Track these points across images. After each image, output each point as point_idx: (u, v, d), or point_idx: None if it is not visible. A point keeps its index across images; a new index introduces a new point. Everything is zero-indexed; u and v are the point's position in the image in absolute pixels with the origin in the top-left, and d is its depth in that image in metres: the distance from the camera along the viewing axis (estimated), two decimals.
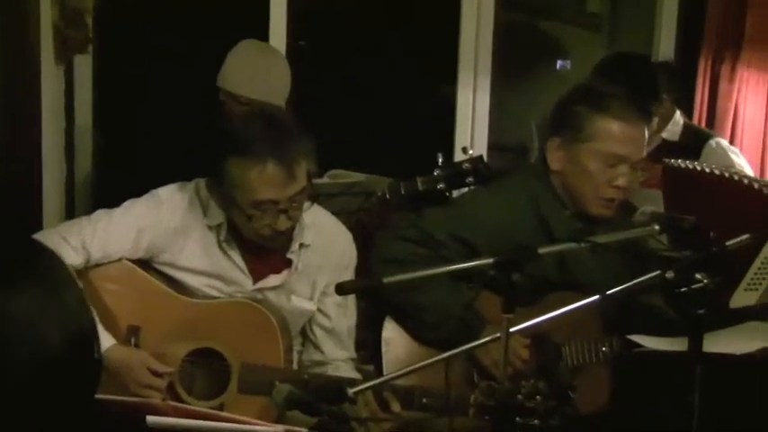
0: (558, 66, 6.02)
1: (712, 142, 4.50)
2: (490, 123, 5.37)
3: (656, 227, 2.82)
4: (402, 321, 3.30)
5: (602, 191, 3.22)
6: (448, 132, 5.34)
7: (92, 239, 3.05)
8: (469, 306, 3.16)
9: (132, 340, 3.07)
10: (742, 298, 3.37)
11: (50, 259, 1.74)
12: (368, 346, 3.49)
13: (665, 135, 4.51)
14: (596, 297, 2.58)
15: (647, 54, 5.11)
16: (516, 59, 5.78)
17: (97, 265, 3.11)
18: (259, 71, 4.16)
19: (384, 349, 3.29)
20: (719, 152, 4.46)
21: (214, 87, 4.20)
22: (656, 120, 4.38)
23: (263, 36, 4.88)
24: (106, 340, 2.96)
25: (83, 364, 1.72)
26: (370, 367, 3.36)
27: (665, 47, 5.41)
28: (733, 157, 4.46)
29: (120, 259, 3.13)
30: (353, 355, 3.28)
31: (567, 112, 3.29)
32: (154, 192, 3.20)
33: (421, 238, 3.26)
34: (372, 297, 3.35)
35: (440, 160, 3.55)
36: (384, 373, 3.26)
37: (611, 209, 3.25)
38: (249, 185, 2.93)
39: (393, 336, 3.30)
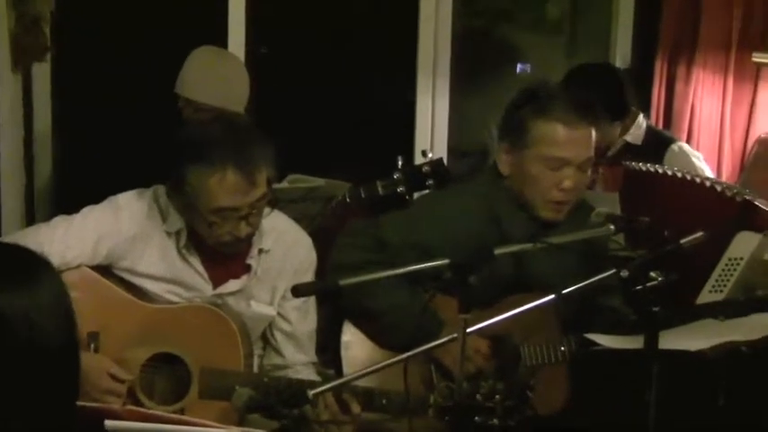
0: (518, 69, 6.04)
1: (675, 146, 4.55)
2: (450, 127, 5.40)
3: (612, 227, 2.85)
4: (360, 326, 3.31)
5: (548, 194, 3.21)
6: (408, 137, 5.36)
7: (50, 246, 3.04)
8: (426, 308, 3.15)
9: (92, 346, 3.06)
10: (707, 300, 3.41)
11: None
12: (329, 350, 3.50)
13: (628, 138, 4.55)
14: (552, 296, 2.60)
15: (611, 64, 5.15)
16: (475, 64, 5.81)
17: None
18: (217, 77, 4.17)
19: (343, 353, 3.29)
20: (682, 156, 4.50)
21: (173, 94, 4.20)
22: (617, 124, 4.43)
23: (222, 42, 4.89)
24: None
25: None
26: (332, 371, 3.36)
27: (623, 50, 5.46)
28: (695, 161, 4.50)
29: (79, 266, 3.12)
30: (314, 358, 3.29)
31: (512, 116, 3.30)
32: (112, 198, 3.19)
33: (375, 246, 3.25)
34: (333, 301, 3.36)
35: (399, 163, 3.57)
36: (344, 374, 3.26)
37: (561, 212, 3.24)
38: (209, 193, 2.93)
39: (352, 339, 3.31)
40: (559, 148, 3.17)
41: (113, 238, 3.12)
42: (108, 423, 2.20)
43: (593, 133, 3.24)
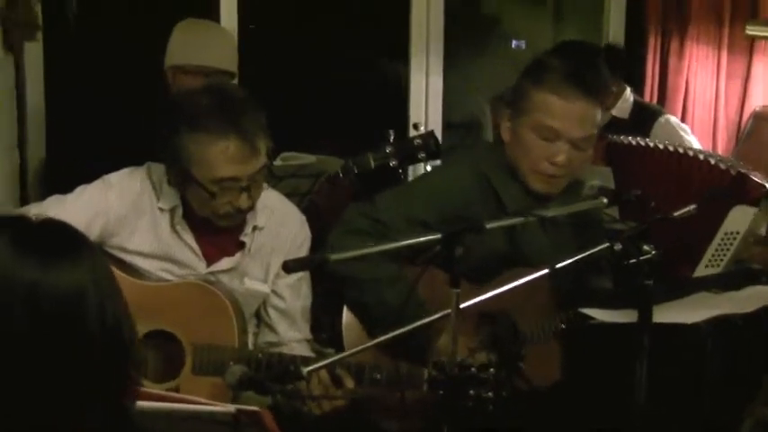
0: (513, 45, 6.04)
1: (662, 119, 4.55)
2: (443, 102, 5.40)
3: (604, 200, 2.84)
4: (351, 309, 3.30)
5: (539, 165, 3.20)
6: (401, 113, 5.35)
7: None
8: (411, 293, 3.03)
9: None
10: (703, 275, 3.42)
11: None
12: (325, 329, 3.50)
13: (614, 112, 4.56)
14: (546, 270, 2.60)
15: (592, 42, 5.13)
16: (468, 39, 5.80)
17: None
18: (202, 39, 4.16)
19: (345, 334, 3.30)
20: (669, 129, 4.51)
21: (164, 73, 4.20)
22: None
23: (215, 20, 4.87)
24: None
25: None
26: (331, 350, 3.36)
27: (615, 25, 5.45)
28: (682, 134, 4.51)
29: None
30: (308, 335, 3.29)
31: (517, 85, 3.30)
32: (105, 177, 3.18)
33: (373, 227, 3.23)
34: (329, 280, 3.36)
35: (391, 137, 3.56)
36: (344, 342, 3.27)
37: (552, 185, 3.23)
38: (211, 162, 2.91)
39: (351, 317, 3.31)
40: (552, 119, 3.16)
41: (106, 216, 3.11)
42: None
43: (596, 113, 3.20)
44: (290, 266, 2.66)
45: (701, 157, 3.64)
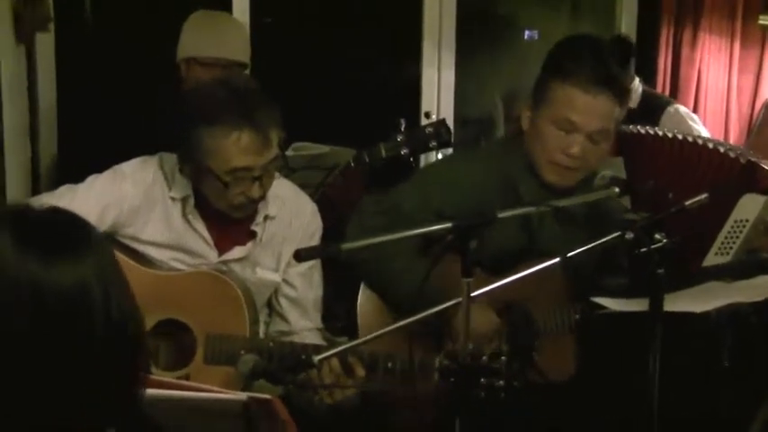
0: (525, 36, 6.02)
1: (671, 109, 4.55)
2: (456, 95, 5.39)
3: (616, 189, 2.84)
4: (373, 288, 3.33)
5: (553, 155, 3.20)
6: (414, 107, 5.35)
7: None
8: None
9: None
10: (712, 263, 3.40)
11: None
12: (338, 318, 3.50)
13: None
14: (557, 259, 2.60)
15: (601, 35, 5.12)
16: (480, 33, 5.79)
17: None
18: (213, 30, 4.16)
19: (359, 317, 3.32)
20: (678, 118, 4.50)
21: (176, 65, 4.20)
22: None
23: (227, 12, 4.87)
24: None
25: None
26: (344, 339, 3.37)
27: (628, 16, 5.44)
28: (691, 123, 4.50)
29: None
30: (319, 324, 3.29)
31: (539, 77, 3.30)
32: (117, 167, 3.19)
33: (388, 215, 3.25)
34: (341, 270, 3.36)
35: (402, 126, 3.56)
36: (359, 329, 3.29)
37: (565, 177, 3.23)
38: (225, 153, 2.93)
39: (366, 305, 3.32)
40: (570, 111, 3.15)
41: (118, 206, 3.12)
42: None
43: (614, 108, 3.19)
44: (301, 255, 2.66)
45: (711, 145, 3.63)
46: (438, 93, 5.33)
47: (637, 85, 4.61)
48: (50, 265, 1.59)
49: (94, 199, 3.11)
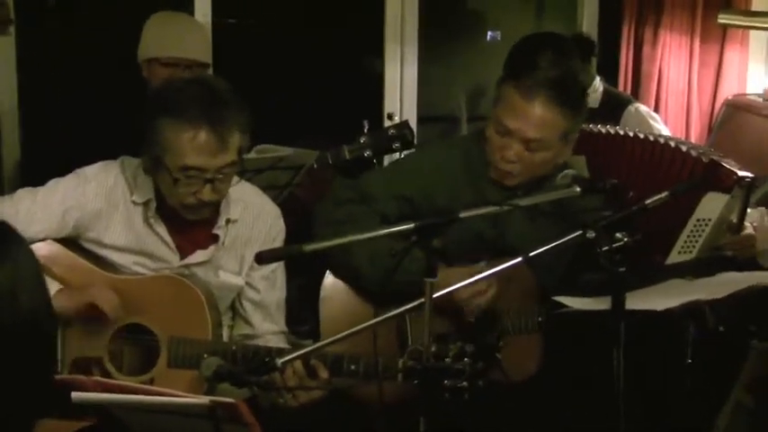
0: (488, 37, 6.04)
1: (631, 107, 4.57)
2: (419, 95, 5.40)
3: (578, 188, 2.85)
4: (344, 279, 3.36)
5: (492, 157, 3.24)
6: (376, 106, 5.35)
7: (15, 220, 3.01)
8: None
9: (59, 318, 3.06)
10: (676, 261, 3.42)
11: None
12: (306, 321, 3.50)
13: None
14: (519, 258, 2.60)
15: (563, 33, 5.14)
16: (443, 31, 5.80)
17: None
18: (176, 31, 4.16)
19: (321, 309, 3.34)
20: (639, 117, 4.53)
21: (138, 66, 4.19)
22: None
23: (189, 12, 4.86)
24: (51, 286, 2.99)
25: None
26: (309, 342, 3.37)
27: (590, 14, 5.47)
28: (652, 122, 4.52)
29: (44, 239, 3.11)
30: (284, 328, 3.29)
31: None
32: (79, 170, 3.18)
33: (358, 197, 3.30)
34: (306, 272, 3.36)
35: (366, 128, 3.56)
36: (321, 331, 3.31)
37: (505, 179, 3.26)
38: (179, 149, 2.91)
39: (329, 295, 3.35)
40: (507, 115, 3.19)
41: (80, 209, 3.10)
42: (75, 395, 2.20)
43: (556, 118, 3.18)
44: (263, 257, 2.66)
45: (673, 144, 3.65)
46: (401, 93, 5.34)
47: (598, 84, 4.64)
48: None
49: (56, 203, 3.10)
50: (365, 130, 3.63)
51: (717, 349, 3.40)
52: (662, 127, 4.56)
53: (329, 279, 3.38)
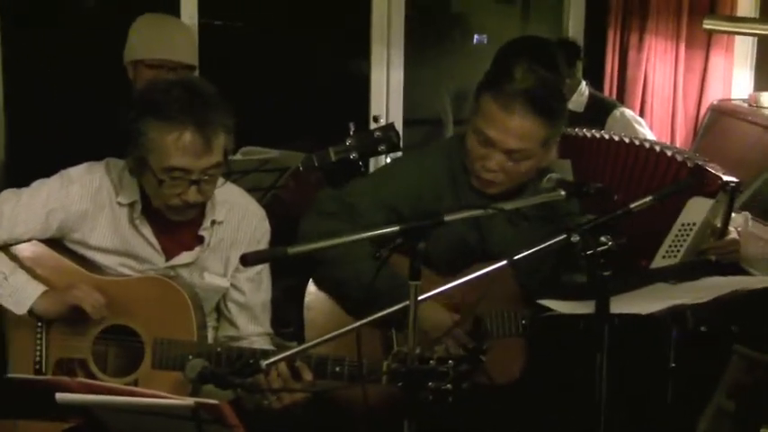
0: (475, 40, 6.04)
1: (617, 112, 4.57)
2: (405, 98, 5.40)
3: (562, 192, 2.86)
4: (327, 291, 3.35)
5: (473, 166, 3.23)
6: (362, 108, 5.35)
7: None
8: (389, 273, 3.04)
9: (44, 319, 3.06)
10: (660, 266, 3.43)
11: None
12: (292, 324, 3.50)
13: (570, 106, 4.55)
14: (504, 262, 2.61)
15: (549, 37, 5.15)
16: (430, 34, 5.81)
17: (6, 246, 3.10)
18: (162, 33, 4.16)
19: (305, 314, 3.34)
20: (624, 122, 4.53)
21: (124, 68, 4.19)
22: None
23: (175, 14, 4.86)
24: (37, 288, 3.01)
25: None
26: (294, 344, 3.37)
27: (575, 19, 5.48)
28: (637, 126, 4.53)
29: (30, 240, 3.10)
30: (269, 329, 3.29)
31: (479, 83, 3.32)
32: (64, 172, 3.18)
33: (342, 210, 3.28)
34: (291, 274, 3.36)
35: (351, 130, 3.57)
36: (305, 336, 3.30)
37: (487, 187, 3.25)
38: (164, 149, 2.91)
39: (313, 300, 3.35)
40: (488, 126, 3.17)
41: (64, 211, 3.10)
42: (59, 396, 2.20)
43: (537, 129, 3.16)
44: (248, 259, 2.65)
45: (658, 148, 3.66)
46: (387, 95, 5.34)
47: (583, 88, 4.64)
48: None
49: (40, 204, 3.10)
50: (351, 133, 3.63)
51: (699, 353, 3.41)
52: (647, 131, 4.57)
53: (313, 285, 3.38)
